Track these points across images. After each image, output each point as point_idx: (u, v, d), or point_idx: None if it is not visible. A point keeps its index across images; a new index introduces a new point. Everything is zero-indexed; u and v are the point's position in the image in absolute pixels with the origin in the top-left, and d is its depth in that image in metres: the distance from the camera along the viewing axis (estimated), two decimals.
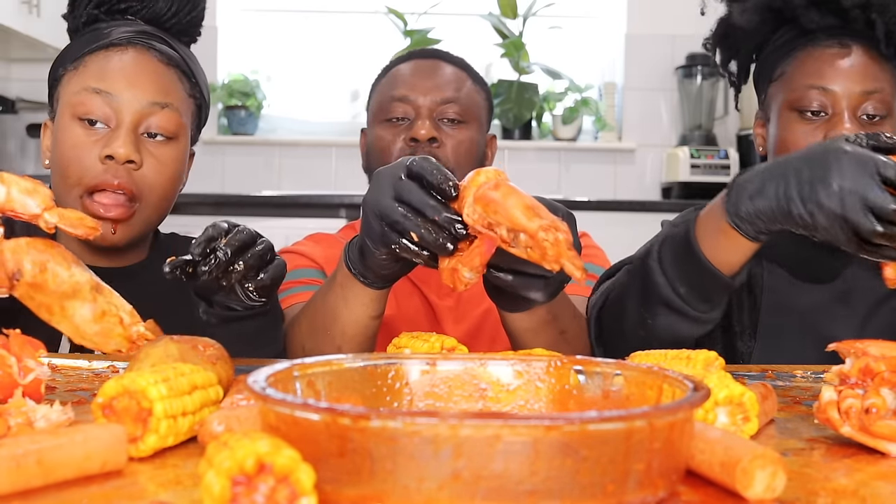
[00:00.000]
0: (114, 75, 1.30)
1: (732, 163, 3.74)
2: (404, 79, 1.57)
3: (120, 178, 1.27)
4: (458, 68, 1.60)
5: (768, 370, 1.17)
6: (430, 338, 1.06)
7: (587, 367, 0.72)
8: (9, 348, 0.77)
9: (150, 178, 1.30)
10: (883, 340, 0.79)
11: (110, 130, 1.29)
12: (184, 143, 1.35)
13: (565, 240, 0.81)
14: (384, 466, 0.51)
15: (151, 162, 1.30)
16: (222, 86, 3.95)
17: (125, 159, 1.27)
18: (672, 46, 3.98)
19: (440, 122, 1.54)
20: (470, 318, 1.55)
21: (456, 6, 4.04)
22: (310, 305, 1.20)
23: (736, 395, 0.75)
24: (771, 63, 1.43)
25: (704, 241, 1.11)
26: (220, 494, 0.50)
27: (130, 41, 1.33)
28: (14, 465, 0.58)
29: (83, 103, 1.29)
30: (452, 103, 1.54)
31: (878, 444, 0.72)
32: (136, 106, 1.29)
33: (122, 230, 1.30)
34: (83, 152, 1.28)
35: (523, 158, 3.95)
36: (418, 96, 1.54)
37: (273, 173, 4.00)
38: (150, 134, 1.30)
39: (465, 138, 1.54)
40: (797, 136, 1.34)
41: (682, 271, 1.14)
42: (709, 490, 0.61)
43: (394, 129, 1.55)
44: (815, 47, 1.36)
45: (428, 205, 0.93)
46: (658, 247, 1.17)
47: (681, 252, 1.14)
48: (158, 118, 1.30)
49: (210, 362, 0.82)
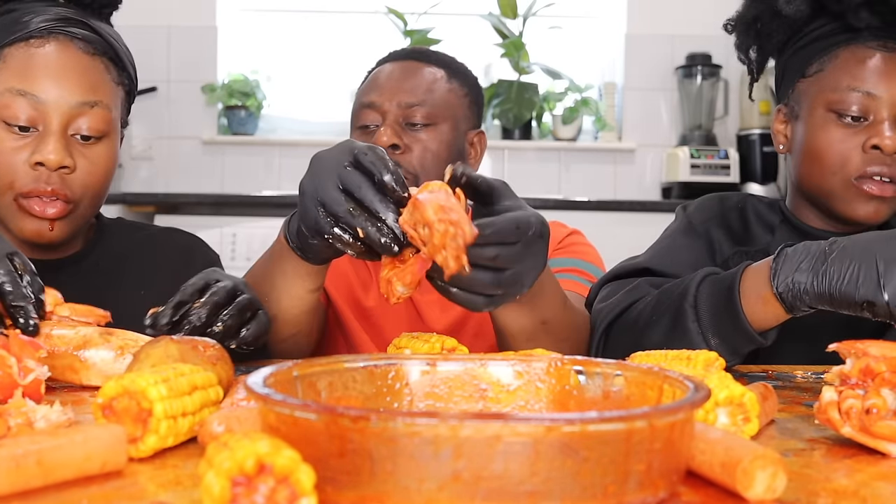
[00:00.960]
0: (37, 74, 1.25)
1: (732, 163, 3.74)
2: (375, 84, 1.56)
3: (53, 184, 1.24)
4: (436, 66, 1.58)
5: (769, 370, 1.17)
6: (430, 338, 1.06)
7: (587, 367, 0.72)
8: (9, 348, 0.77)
9: (83, 180, 1.27)
10: (883, 341, 0.79)
11: (38, 134, 1.25)
12: (115, 137, 1.32)
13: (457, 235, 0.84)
14: (384, 467, 0.51)
15: (84, 164, 1.27)
16: (222, 86, 3.95)
17: (57, 166, 1.23)
18: (672, 46, 3.98)
19: (407, 126, 1.52)
20: (455, 309, 1.54)
21: (456, 6, 4.04)
22: (253, 272, 1.19)
23: (736, 396, 0.75)
24: (804, 56, 1.37)
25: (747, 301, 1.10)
26: (219, 495, 0.50)
27: (51, 31, 1.27)
28: (14, 465, 0.58)
29: (7, 106, 1.24)
30: (418, 107, 1.51)
31: (878, 444, 0.72)
32: (64, 107, 1.25)
33: (59, 227, 1.27)
34: (12, 158, 1.24)
35: (523, 158, 3.94)
36: (384, 102, 1.52)
37: (273, 173, 4.00)
38: (81, 136, 1.26)
39: (433, 140, 1.52)
40: (832, 141, 1.31)
41: (718, 325, 1.12)
42: (709, 491, 0.61)
43: (367, 135, 1.53)
44: (858, 46, 1.31)
45: (379, 204, 0.92)
46: (695, 290, 1.15)
47: (721, 306, 1.12)
48: (88, 119, 1.26)
49: (210, 363, 0.82)
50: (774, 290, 1.06)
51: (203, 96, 3.96)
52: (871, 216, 1.32)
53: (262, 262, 1.17)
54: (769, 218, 1.43)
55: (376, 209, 0.92)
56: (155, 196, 3.60)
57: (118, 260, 1.40)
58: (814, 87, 1.35)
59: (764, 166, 3.80)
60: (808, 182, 1.37)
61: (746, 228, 1.41)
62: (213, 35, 3.96)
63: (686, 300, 1.15)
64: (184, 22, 3.93)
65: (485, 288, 0.94)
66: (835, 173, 1.32)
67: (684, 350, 1.01)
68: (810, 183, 1.37)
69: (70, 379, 0.97)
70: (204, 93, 3.94)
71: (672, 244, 1.40)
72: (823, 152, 1.32)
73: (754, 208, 1.44)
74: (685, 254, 1.37)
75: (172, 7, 3.91)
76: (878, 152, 1.29)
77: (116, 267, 1.39)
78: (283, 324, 1.16)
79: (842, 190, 1.32)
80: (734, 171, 3.73)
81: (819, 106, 1.34)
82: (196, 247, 1.49)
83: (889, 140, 1.28)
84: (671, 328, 1.16)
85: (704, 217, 1.42)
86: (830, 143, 1.32)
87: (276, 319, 1.14)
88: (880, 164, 1.30)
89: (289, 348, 1.21)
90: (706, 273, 1.18)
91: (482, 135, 1.63)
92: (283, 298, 1.14)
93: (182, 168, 3.99)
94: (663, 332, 1.16)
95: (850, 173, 1.31)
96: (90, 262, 1.38)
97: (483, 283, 0.93)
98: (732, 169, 3.73)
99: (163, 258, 1.43)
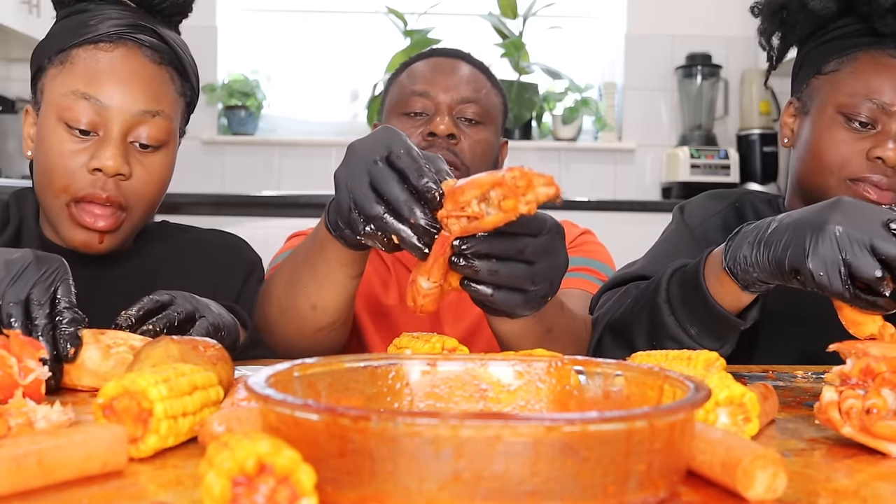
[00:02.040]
0: (103, 79, 1.25)
1: (732, 163, 3.74)
2: (424, 75, 1.57)
3: (108, 190, 1.23)
4: (478, 70, 1.61)
5: (769, 370, 1.17)
6: (430, 338, 1.06)
7: (588, 367, 0.72)
8: (9, 349, 0.77)
9: (138, 189, 1.26)
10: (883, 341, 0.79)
11: (98, 138, 1.24)
12: (173, 148, 1.32)
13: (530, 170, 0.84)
14: (385, 467, 0.51)
15: (140, 172, 1.26)
16: (222, 86, 3.95)
17: (114, 172, 1.23)
18: (672, 46, 3.98)
19: (458, 120, 1.53)
20: (469, 316, 1.55)
21: (456, 6, 4.04)
22: (291, 261, 1.18)
23: (737, 396, 0.75)
24: (823, 53, 1.36)
25: (711, 284, 1.10)
26: (220, 495, 0.50)
27: (120, 37, 1.27)
28: (14, 465, 0.58)
29: (70, 108, 1.23)
30: (472, 103, 1.53)
31: (878, 444, 0.72)
32: (127, 115, 1.24)
33: (109, 239, 1.27)
34: (70, 161, 1.24)
35: (523, 158, 3.94)
36: (439, 92, 1.54)
37: (273, 173, 4.00)
38: (140, 144, 1.26)
39: (482, 139, 1.54)
40: (836, 142, 1.30)
41: (691, 312, 1.13)
42: (710, 491, 0.61)
43: (412, 122, 1.54)
44: (879, 52, 1.30)
45: (410, 207, 0.91)
46: (666, 284, 1.16)
47: (689, 293, 1.12)
48: (148, 127, 1.26)
49: (210, 363, 0.82)
50: (725, 267, 1.07)
51: (203, 96, 3.95)
52: None
53: (303, 250, 1.15)
54: (767, 215, 1.42)
55: (406, 212, 0.92)
56: None
57: (162, 262, 1.40)
58: (827, 85, 1.34)
59: (764, 166, 3.80)
60: (806, 178, 1.37)
61: None
62: (213, 35, 3.96)
63: (659, 295, 1.16)
64: (184, 22, 3.92)
65: (521, 282, 0.95)
66: (833, 173, 1.32)
67: (685, 350, 1.01)
68: (808, 180, 1.37)
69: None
70: (204, 93, 3.94)
71: (668, 249, 1.40)
72: (825, 152, 1.32)
73: (752, 205, 1.44)
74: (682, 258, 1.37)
75: None
76: (879, 162, 1.29)
77: (159, 268, 1.38)
78: (322, 312, 1.14)
79: (837, 189, 1.32)
80: (734, 171, 3.73)
81: (829, 105, 1.33)
82: (238, 247, 1.48)
83: (893, 153, 1.27)
84: (651, 326, 1.16)
85: (701, 217, 1.42)
86: (833, 144, 1.31)
87: (315, 309, 1.14)
88: (880, 174, 1.29)
89: (324, 339, 1.18)
90: (676, 266, 1.18)
91: (506, 144, 1.66)
92: (325, 285, 1.12)
93: (182, 168, 3.96)
94: (645, 330, 1.17)
95: (847, 175, 1.31)
96: (135, 263, 1.37)
97: (519, 275, 0.94)
98: (732, 169, 3.73)
99: (206, 259, 1.43)
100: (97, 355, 0.95)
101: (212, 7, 3.94)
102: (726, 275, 1.07)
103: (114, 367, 0.95)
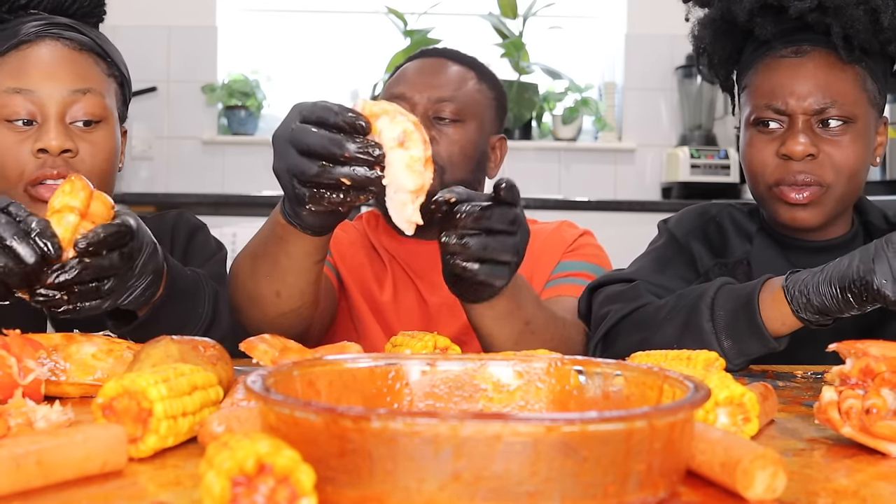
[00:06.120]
0: (29, 71, 1.31)
1: (732, 163, 3.74)
2: (406, 77, 1.57)
3: (58, 167, 1.29)
4: (465, 67, 1.60)
5: (768, 370, 1.17)
6: (424, 337, 1.08)
7: (587, 367, 0.72)
8: (9, 349, 0.77)
9: (87, 163, 1.31)
10: (883, 340, 0.79)
11: (38, 126, 1.30)
12: (112, 124, 1.37)
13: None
14: (384, 467, 0.51)
15: (85, 146, 1.32)
16: (222, 86, 3.95)
17: (59, 150, 1.28)
18: (672, 46, 3.98)
19: (436, 120, 1.53)
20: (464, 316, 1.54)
21: (456, 6, 4.04)
22: (251, 253, 1.20)
23: (736, 396, 0.75)
24: (740, 75, 1.42)
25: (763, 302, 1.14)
26: (220, 495, 0.50)
27: (39, 34, 1.33)
28: (14, 465, 0.58)
29: (6, 105, 1.30)
30: (448, 102, 1.53)
31: (878, 444, 0.72)
32: (58, 97, 1.30)
33: None
34: (17, 151, 1.29)
35: (523, 158, 3.94)
36: (415, 94, 1.54)
37: (273, 173, 3.99)
38: (77, 122, 1.32)
39: (460, 137, 1.53)
40: (755, 152, 1.34)
41: (732, 323, 1.16)
42: (709, 490, 0.61)
43: None
44: (772, 57, 1.34)
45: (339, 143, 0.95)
46: (714, 292, 1.19)
47: (739, 305, 1.15)
48: (82, 104, 1.31)
49: (210, 363, 0.82)
50: (783, 286, 1.12)
51: (203, 96, 3.96)
52: (794, 221, 1.33)
53: (260, 246, 1.17)
54: (747, 227, 1.44)
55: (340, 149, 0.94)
56: (155, 196, 3.60)
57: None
58: (744, 101, 1.40)
59: None
60: (751, 192, 1.41)
61: (724, 240, 1.42)
62: (213, 35, 3.96)
63: (703, 300, 1.18)
64: (184, 22, 3.93)
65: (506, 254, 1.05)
66: (759, 183, 1.36)
67: (685, 350, 1.01)
68: (751, 193, 1.41)
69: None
70: (204, 93, 3.94)
71: (658, 256, 1.41)
72: (749, 163, 1.37)
73: (732, 218, 1.45)
74: (671, 266, 1.38)
75: (172, 7, 3.91)
76: (790, 161, 1.31)
77: None
78: (287, 299, 1.17)
79: (766, 197, 1.36)
80: (734, 171, 3.73)
81: (748, 119, 1.37)
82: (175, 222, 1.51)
83: (799, 146, 1.29)
84: (685, 326, 1.18)
85: (684, 231, 1.43)
86: (752, 154, 1.35)
87: (279, 295, 1.16)
88: (794, 173, 1.30)
89: (290, 321, 1.20)
90: (725, 280, 1.22)
91: (504, 140, 1.65)
92: (289, 275, 1.15)
93: (182, 168, 3.99)
94: (676, 330, 1.18)
95: (768, 181, 1.33)
96: None
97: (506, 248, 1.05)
98: (732, 169, 3.73)
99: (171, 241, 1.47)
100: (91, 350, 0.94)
101: (212, 7, 3.94)
102: (781, 293, 1.12)
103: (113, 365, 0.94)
